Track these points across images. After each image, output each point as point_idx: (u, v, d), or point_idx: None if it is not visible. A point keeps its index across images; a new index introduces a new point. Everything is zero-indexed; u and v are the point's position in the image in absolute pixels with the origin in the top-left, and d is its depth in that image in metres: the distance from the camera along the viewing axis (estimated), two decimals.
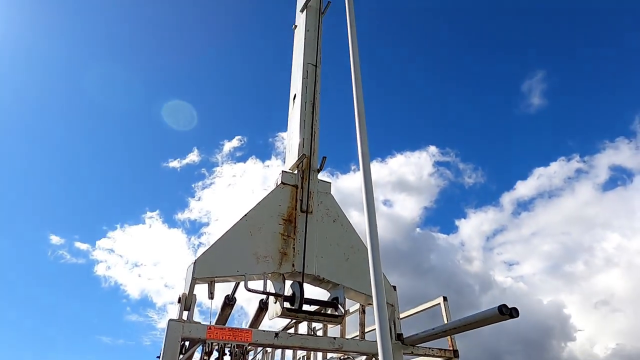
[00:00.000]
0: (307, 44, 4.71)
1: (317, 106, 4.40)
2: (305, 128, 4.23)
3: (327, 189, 4.16)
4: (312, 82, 4.48)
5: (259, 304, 4.13)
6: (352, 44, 3.62)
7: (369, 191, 2.78)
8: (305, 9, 4.92)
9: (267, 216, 3.77)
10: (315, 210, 3.97)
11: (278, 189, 3.93)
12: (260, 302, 4.10)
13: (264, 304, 4.03)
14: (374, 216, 2.72)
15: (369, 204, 2.72)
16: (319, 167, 4.14)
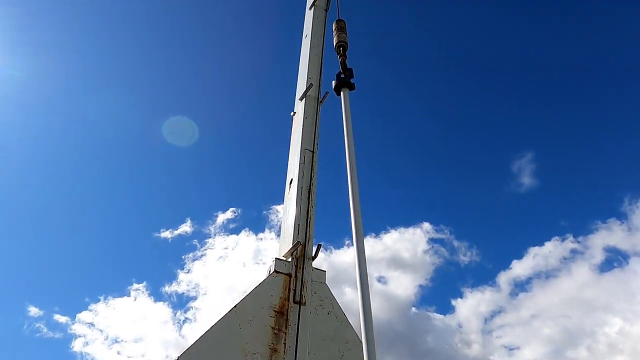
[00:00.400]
0: (305, 130, 4.81)
1: (313, 192, 4.38)
2: (301, 214, 4.17)
3: (322, 278, 4.00)
4: (309, 168, 4.50)
5: None
6: (347, 135, 3.72)
7: (366, 297, 2.66)
8: (305, 98, 5.08)
9: (258, 307, 3.58)
10: (309, 302, 3.78)
11: (270, 278, 3.77)
12: None
13: None
14: (369, 316, 2.59)
15: (365, 308, 2.59)
16: (314, 255, 4.02)
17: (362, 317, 2.53)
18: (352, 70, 4.99)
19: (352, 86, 4.79)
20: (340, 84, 4.78)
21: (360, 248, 3.33)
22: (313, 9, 5.97)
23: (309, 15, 6.02)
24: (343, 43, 5.30)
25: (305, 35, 5.94)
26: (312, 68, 5.38)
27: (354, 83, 4.83)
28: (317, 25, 5.78)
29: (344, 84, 4.75)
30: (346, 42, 5.32)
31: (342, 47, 5.27)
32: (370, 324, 2.62)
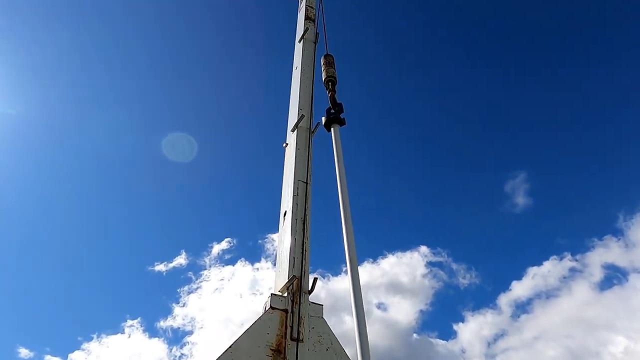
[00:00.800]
0: (298, 161, 4.78)
1: (307, 224, 4.31)
2: (296, 247, 4.09)
3: (320, 313, 3.89)
4: (303, 200, 4.45)
5: None
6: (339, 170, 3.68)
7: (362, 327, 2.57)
8: (296, 129, 5.09)
9: (254, 346, 3.45)
10: (307, 338, 3.66)
11: (266, 315, 3.66)
12: None
13: None
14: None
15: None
16: (310, 289, 3.93)
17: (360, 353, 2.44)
18: (342, 105, 4.97)
19: (342, 122, 4.75)
20: (330, 120, 4.75)
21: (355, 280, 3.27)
22: (302, 42, 6.05)
23: (299, 47, 6.10)
24: (332, 78, 5.32)
25: (295, 67, 6.00)
26: (303, 99, 5.41)
27: (344, 118, 4.80)
28: (306, 58, 5.85)
29: (334, 120, 4.72)
30: (335, 76, 5.35)
31: (331, 82, 5.30)
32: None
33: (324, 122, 4.71)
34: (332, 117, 4.71)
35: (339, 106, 4.87)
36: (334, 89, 5.19)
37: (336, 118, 4.70)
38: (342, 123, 4.70)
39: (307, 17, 6.43)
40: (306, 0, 6.70)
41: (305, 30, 6.15)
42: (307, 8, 6.56)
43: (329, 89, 5.19)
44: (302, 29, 6.27)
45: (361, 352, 2.57)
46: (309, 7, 6.61)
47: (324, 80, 5.31)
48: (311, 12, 6.54)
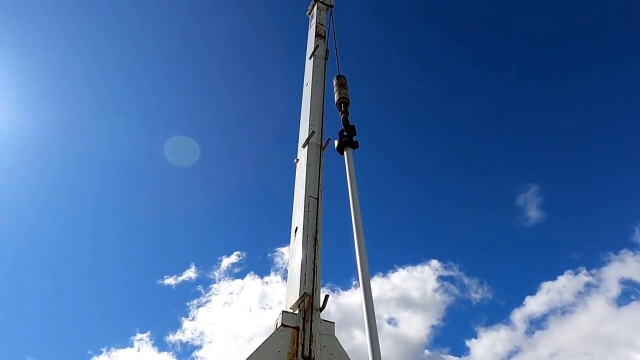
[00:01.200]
0: (309, 177, 4.79)
1: (319, 240, 4.30)
2: (307, 264, 4.08)
3: (331, 331, 3.85)
4: (314, 216, 4.44)
5: None
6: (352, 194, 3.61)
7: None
8: (307, 145, 5.11)
9: None
10: (318, 356, 3.62)
11: (278, 333, 3.64)
12: None
13: None
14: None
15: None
16: (322, 306, 3.90)
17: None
18: (355, 128, 4.78)
19: (355, 145, 4.57)
20: (342, 143, 4.57)
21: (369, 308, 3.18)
22: (313, 59, 6.11)
23: (309, 64, 6.16)
24: (344, 99, 5.14)
25: (306, 83, 6.05)
26: (313, 115, 5.44)
27: (357, 141, 4.61)
28: (317, 74, 5.90)
29: (346, 143, 4.55)
30: (347, 98, 5.17)
31: (344, 104, 5.10)
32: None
33: (336, 145, 4.60)
34: (345, 140, 4.58)
35: (351, 128, 4.76)
36: (346, 110, 5.07)
37: (349, 141, 4.58)
38: (355, 146, 4.58)
39: (318, 34, 6.50)
40: (317, 18, 6.79)
41: (316, 47, 6.21)
42: (317, 25, 6.65)
43: (342, 110, 5.06)
44: (313, 45, 6.34)
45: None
46: (319, 24, 6.69)
47: (337, 102, 5.20)
48: (321, 30, 6.61)
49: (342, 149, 4.56)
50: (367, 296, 3.17)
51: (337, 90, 5.30)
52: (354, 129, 4.78)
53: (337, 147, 4.62)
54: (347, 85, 5.38)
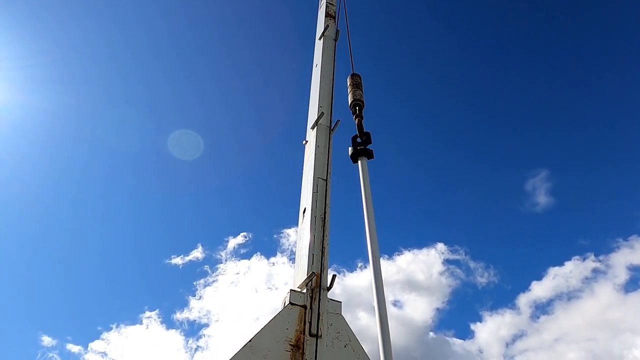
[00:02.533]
0: (317, 159, 4.80)
1: (327, 221, 4.34)
2: (315, 244, 4.12)
3: (338, 310, 3.91)
4: (322, 197, 4.47)
5: None
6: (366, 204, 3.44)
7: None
8: (316, 127, 5.11)
9: (273, 341, 3.50)
10: (325, 334, 3.69)
11: (286, 310, 3.71)
12: None
13: None
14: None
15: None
16: (329, 286, 3.96)
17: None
18: (370, 135, 4.37)
19: (370, 154, 4.22)
20: (357, 152, 4.20)
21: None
22: (322, 39, 6.06)
23: (319, 45, 6.11)
24: (359, 102, 4.73)
25: (315, 64, 6.01)
26: (322, 97, 5.42)
27: (372, 150, 4.25)
28: (326, 55, 5.86)
29: (361, 152, 4.20)
30: (362, 100, 4.76)
31: (358, 106, 4.69)
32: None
33: (350, 152, 4.25)
34: (360, 149, 4.22)
35: (366, 135, 4.36)
36: (361, 114, 4.66)
37: (364, 150, 4.22)
38: (370, 156, 4.22)
39: (328, 14, 6.43)
40: None
41: (326, 28, 6.15)
42: (327, 5, 6.57)
43: (356, 114, 4.67)
44: (323, 26, 6.27)
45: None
46: (329, 4, 6.61)
47: (350, 104, 4.80)
48: (331, 9, 6.53)
49: (356, 157, 4.23)
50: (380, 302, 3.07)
51: (351, 91, 4.88)
52: (369, 136, 4.38)
53: (350, 155, 4.28)
54: (362, 85, 4.98)
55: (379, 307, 3.00)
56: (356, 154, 4.22)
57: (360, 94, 4.83)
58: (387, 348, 2.77)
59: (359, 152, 4.20)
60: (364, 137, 4.34)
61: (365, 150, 4.23)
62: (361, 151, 4.21)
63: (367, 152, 4.23)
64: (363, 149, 4.22)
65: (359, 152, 4.20)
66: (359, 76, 5.08)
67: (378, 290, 3.11)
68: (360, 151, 4.21)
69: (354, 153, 4.25)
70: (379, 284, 3.00)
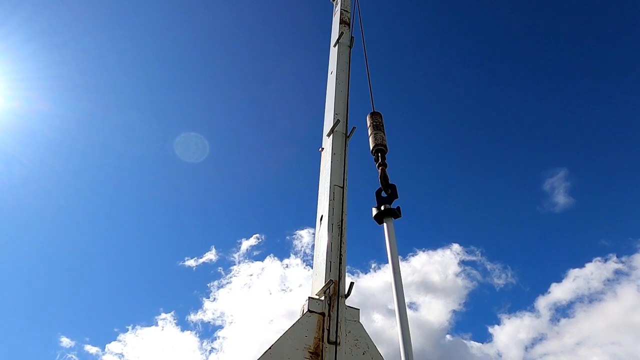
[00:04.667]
0: (334, 166, 4.84)
1: (344, 228, 4.37)
2: (333, 251, 4.16)
3: (356, 317, 3.95)
4: (340, 204, 4.51)
5: None
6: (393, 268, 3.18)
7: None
8: (332, 134, 5.15)
9: (292, 349, 3.55)
10: (344, 341, 3.73)
11: (304, 318, 3.75)
12: None
13: None
14: None
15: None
16: (347, 293, 3.99)
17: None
18: (396, 188, 3.77)
19: (397, 214, 3.61)
20: (382, 213, 3.62)
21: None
22: (337, 46, 6.11)
23: (334, 52, 6.16)
24: (382, 147, 4.14)
25: (330, 71, 6.06)
26: (338, 104, 5.47)
27: (400, 208, 3.63)
28: (341, 62, 5.90)
29: (387, 213, 3.61)
30: (385, 144, 4.19)
31: (381, 153, 4.10)
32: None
33: (374, 213, 3.67)
34: (386, 209, 3.62)
35: (392, 188, 3.76)
36: (384, 162, 4.02)
37: (390, 210, 3.61)
38: (396, 215, 3.61)
39: (342, 21, 6.48)
40: (341, 4, 6.75)
41: (340, 35, 6.20)
42: (342, 12, 6.62)
43: (379, 162, 4.02)
44: (337, 33, 6.32)
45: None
46: (343, 10, 6.66)
47: (372, 149, 4.20)
48: (346, 16, 6.58)
49: (382, 218, 3.62)
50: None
51: (371, 133, 4.31)
52: (394, 189, 3.76)
53: (374, 216, 3.65)
54: (383, 126, 4.37)
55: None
56: (381, 215, 3.60)
57: (382, 137, 4.23)
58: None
59: (384, 212, 3.58)
60: (389, 191, 3.74)
61: (391, 211, 3.59)
62: (387, 211, 3.58)
63: (394, 212, 3.60)
64: (389, 209, 3.59)
65: (384, 213, 3.58)
66: (379, 115, 4.50)
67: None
68: (386, 212, 3.59)
69: (379, 214, 3.62)
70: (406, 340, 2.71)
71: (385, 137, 4.24)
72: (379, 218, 3.61)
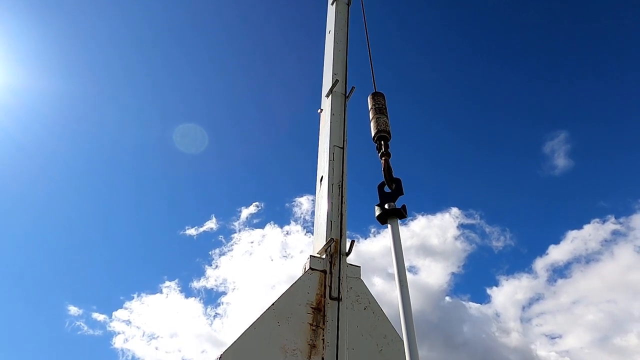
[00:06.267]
0: (333, 127, 4.81)
1: (344, 188, 4.39)
2: (333, 211, 4.19)
3: (357, 274, 4.01)
4: (339, 165, 4.51)
5: None
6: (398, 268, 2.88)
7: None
8: (331, 94, 5.09)
9: (295, 305, 3.63)
10: (345, 297, 3.80)
11: (306, 275, 3.82)
12: None
13: None
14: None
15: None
16: (348, 251, 4.04)
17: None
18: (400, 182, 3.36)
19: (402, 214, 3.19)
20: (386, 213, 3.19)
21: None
22: (335, 4, 5.95)
23: (332, 10, 6.01)
24: (384, 133, 3.68)
25: (328, 31, 5.93)
26: (337, 64, 5.38)
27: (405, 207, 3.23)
28: (340, 20, 5.76)
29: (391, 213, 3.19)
30: (389, 130, 3.72)
31: (384, 140, 3.64)
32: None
33: (377, 213, 3.24)
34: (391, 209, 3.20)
35: (396, 183, 3.33)
36: (387, 150, 3.56)
37: (395, 210, 3.18)
38: (402, 215, 3.20)
39: None
40: None
41: None
42: None
43: (382, 151, 3.56)
44: None
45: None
46: None
47: (374, 136, 3.72)
48: None
49: (385, 218, 3.19)
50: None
51: (373, 117, 3.83)
52: (399, 184, 3.34)
53: (377, 216, 3.23)
54: (386, 109, 3.88)
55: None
56: (385, 215, 3.19)
57: (385, 122, 3.75)
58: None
59: (389, 212, 3.17)
60: (393, 186, 3.32)
61: (396, 211, 3.18)
62: (392, 212, 3.17)
63: (399, 212, 3.19)
64: (394, 209, 3.18)
65: (388, 213, 3.17)
66: (382, 96, 4.00)
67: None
68: (391, 212, 3.18)
69: (382, 214, 3.20)
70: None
71: (389, 121, 3.77)
72: (383, 218, 3.20)
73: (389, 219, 3.18)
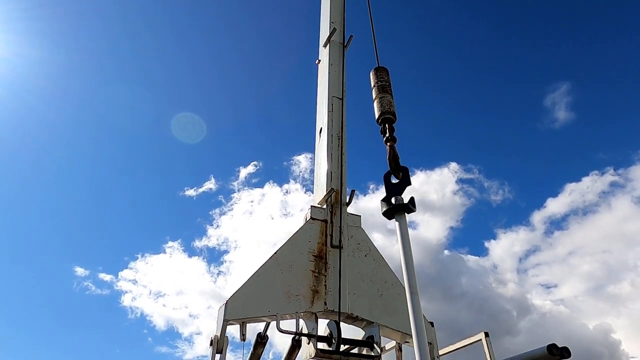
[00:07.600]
0: (332, 77, 4.74)
1: (343, 139, 4.38)
2: (333, 162, 4.20)
3: (357, 223, 4.08)
4: (339, 115, 4.47)
5: (292, 341, 4.02)
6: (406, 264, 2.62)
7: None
8: (329, 44, 4.97)
9: (297, 253, 3.71)
10: (346, 245, 3.89)
11: (307, 225, 3.88)
12: (293, 340, 3.99)
13: (296, 341, 3.93)
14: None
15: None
16: (348, 201, 4.08)
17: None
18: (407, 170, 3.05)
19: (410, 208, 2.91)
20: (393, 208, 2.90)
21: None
22: None
23: None
24: (389, 115, 3.29)
25: None
26: (334, 12, 5.23)
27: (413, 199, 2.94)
28: None
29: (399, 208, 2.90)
30: (394, 111, 3.33)
31: (389, 123, 3.27)
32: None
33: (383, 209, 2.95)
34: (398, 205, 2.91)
35: (403, 172, 3.03)
36: (392, 135, 3.20)
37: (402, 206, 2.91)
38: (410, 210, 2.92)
39: None
40: None
41: None
42: None
43: (386, 136, 3.20)
44: None
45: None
46: None
47: (378, 118, 3.33)
48: None
49: (392, 213, 2.92)
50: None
51: (377, 96, 3.42)
52: (406, 173, 3.03)
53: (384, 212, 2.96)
54: (390, 86, 3.49)
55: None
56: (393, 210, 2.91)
57: (389, 101, 3.37)
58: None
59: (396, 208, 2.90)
60: (399, 175, 3.03)
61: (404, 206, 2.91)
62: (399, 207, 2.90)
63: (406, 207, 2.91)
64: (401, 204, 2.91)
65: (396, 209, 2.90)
66: (386, 72, 3.58)
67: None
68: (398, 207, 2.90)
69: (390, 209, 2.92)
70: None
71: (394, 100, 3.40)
72: (390, 213, 2.94)
73: (396, 214, 2.91)
